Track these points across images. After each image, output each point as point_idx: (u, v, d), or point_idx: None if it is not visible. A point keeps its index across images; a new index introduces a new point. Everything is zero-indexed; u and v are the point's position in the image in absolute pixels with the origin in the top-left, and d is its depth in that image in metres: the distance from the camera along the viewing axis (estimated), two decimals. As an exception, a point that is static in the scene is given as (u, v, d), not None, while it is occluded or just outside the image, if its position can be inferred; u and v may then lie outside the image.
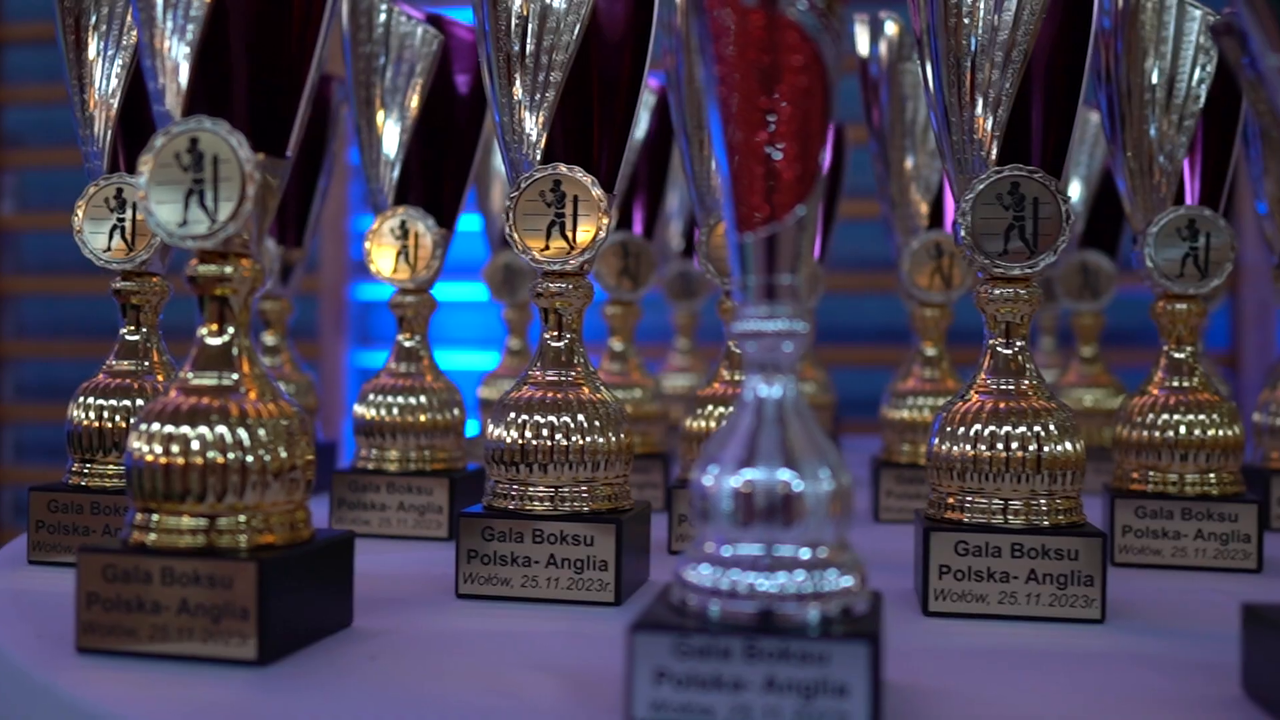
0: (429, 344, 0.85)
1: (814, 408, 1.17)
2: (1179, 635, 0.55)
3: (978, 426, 0.59)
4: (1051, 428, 0.59)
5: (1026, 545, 0.58)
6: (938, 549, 0.58)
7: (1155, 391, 0.76)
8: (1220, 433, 0.74)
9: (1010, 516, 0.59)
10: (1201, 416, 0.74)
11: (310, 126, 1.01)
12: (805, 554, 0.41)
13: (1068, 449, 0.59)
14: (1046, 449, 0.59)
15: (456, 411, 0.83)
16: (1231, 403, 0.76)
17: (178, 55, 0.51)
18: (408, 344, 0.84)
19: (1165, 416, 0.75)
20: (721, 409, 0.77)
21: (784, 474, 0.41)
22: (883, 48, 0.96)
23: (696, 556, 0.43)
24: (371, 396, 0.82)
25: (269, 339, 1.01)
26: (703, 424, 0.77)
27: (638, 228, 1.02)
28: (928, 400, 0.92)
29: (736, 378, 0.78)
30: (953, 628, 0.56)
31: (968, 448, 0.59)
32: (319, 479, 0.89)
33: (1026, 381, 0.61)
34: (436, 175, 0.84)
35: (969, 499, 0.60)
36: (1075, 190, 1.20)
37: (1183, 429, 0.74)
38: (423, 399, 0.82)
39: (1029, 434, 0.59)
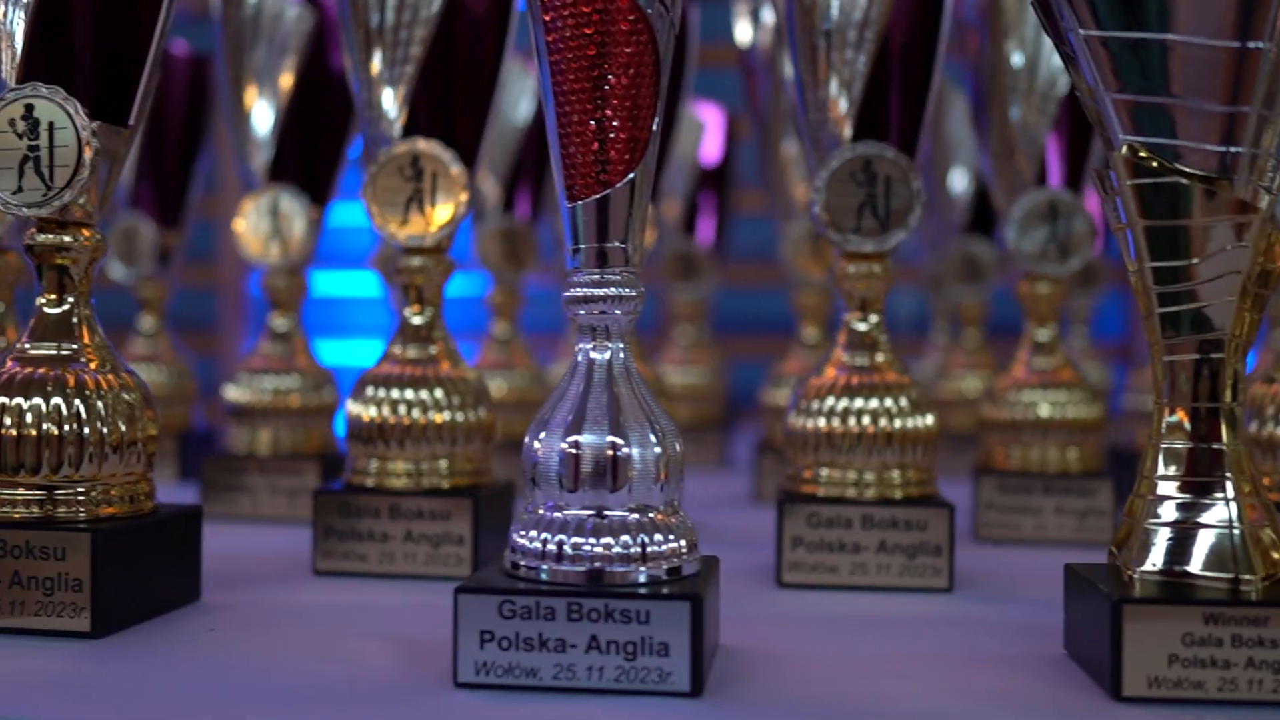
0: (303, 326, 0.84)
1: (703, 397, 1.18)
2: (1019, 602, 0.56)
3: (831, 400, 0.60)
4: (904, 402, 0.60)
5: (877, 517, 0.59)
6: (790, 522, 0.59)
7: (1020, 372, 0.78)
8: (1080, 412, 0.76)
9: (864, 489, 0.60)
10: (1062, 396, 0.76)
11: (189, 107, 1.00)
12: (633, 517, 0.42)
13: (919, 423, 0.60)
14: (899, 423, 0.60)
15: (329, 394, 0.82)
16: (1092, 383, 0.77)
17: (13, 20, 0.50)
18: (280, 326, 0.83)
19: (1027, 396, 0.76)
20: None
21: (611, 438, 0.42)
22: (762, 37, 0.97)
23: (528, 521, 0.43)
24: (242, 378, 0.81)
25: (147, 323, 1.00)
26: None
27: (524, 210, 1.02)
28: (806, 384, 0.93)
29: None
30: (805, 597, 0.57)
31: (822, 422, 0.60)
32: (198, 466, 0.88)
33: (881, 357, 0.62)
34: (311, 155, 0.83)
35: (824, 472, 0.60)
36: (962, 179, 1.21)
37: (1043, 408, 0.76)
38: (295, 381, 0.81)
39: (881, 408, 0.60)
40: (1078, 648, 0.44)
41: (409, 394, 0.61)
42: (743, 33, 0.99)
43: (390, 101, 0.62)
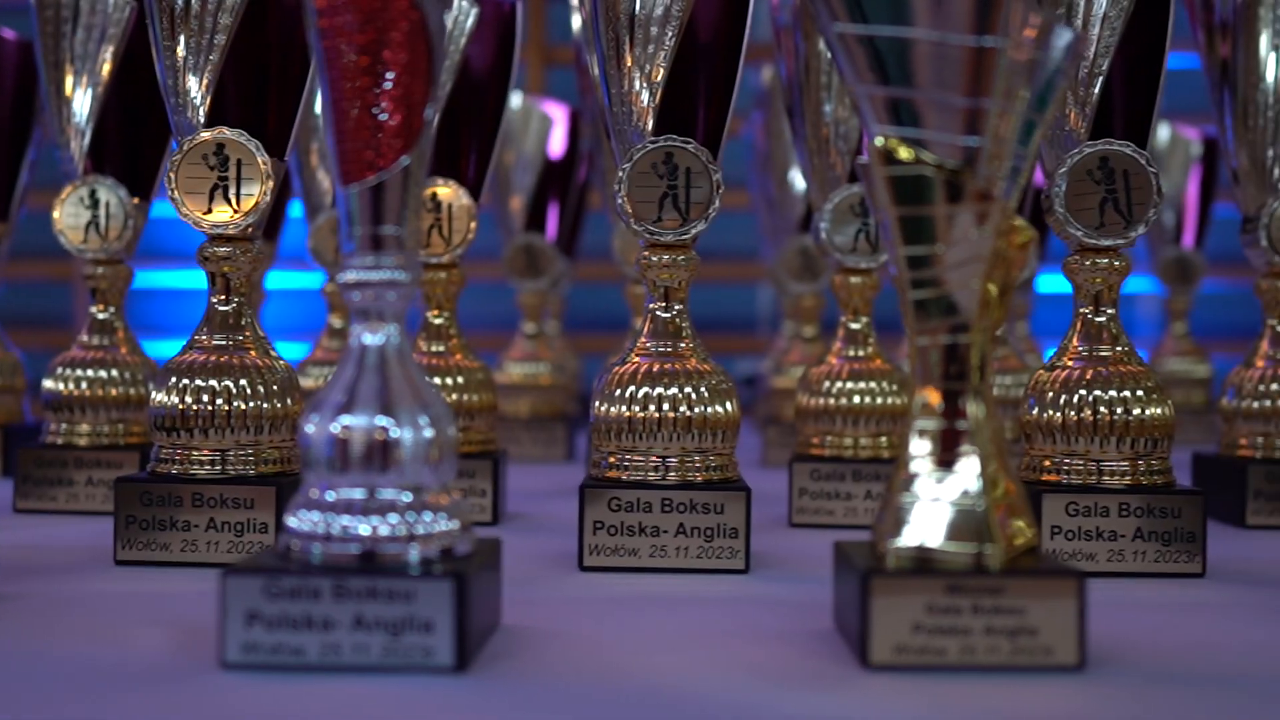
0: (124, 317, 0.83)
1: (547, 390, 1.19)
2: (808, 582, 0.58)
3: (632, 388, 0.62)
4: (703, 389, 0.62)
5: (676, 501, 0.60)
6: (592, 507, 0.60)
7: (833, 361, 0.80)
8: (890, 400, 0.78)
9: (665, 474, 0.61)
10: (873, 384, 0.78)
11: (18, 93, 0.98)
12: (405, 498, 0.42)
13: (719, 410, 0.62)
14: (698, 409, 0.61)
15: (151, 386, 0.81)
16: (903, 371, 0.80)
17: None
18: (101, 316, 0.82)
19: (840, 384, 0.79)
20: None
21: (381, 420, 0.42)
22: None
23: (302, 502, 0.43)
24: (60, 370, 0.80)
25: (-30, 315, 0.98)
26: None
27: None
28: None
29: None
30: (603, 580, 0.58)
31: (624, 409, 0.61)
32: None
33: (684, 344, 0.63)
34: (132, 144, 0.82)
35: (627, 458, 0.62)
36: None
37: (855, 396, 0.78)
38: (115, 373, 0.80)
39: (681, 395, 0.61)
40: (841, 620, 0.46)
41: (213, 382, 0.61)
42: (578, 27, 1.00)
43: (196, 88, 0.62)
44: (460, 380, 0.78)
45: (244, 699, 0.39)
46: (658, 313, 0.63)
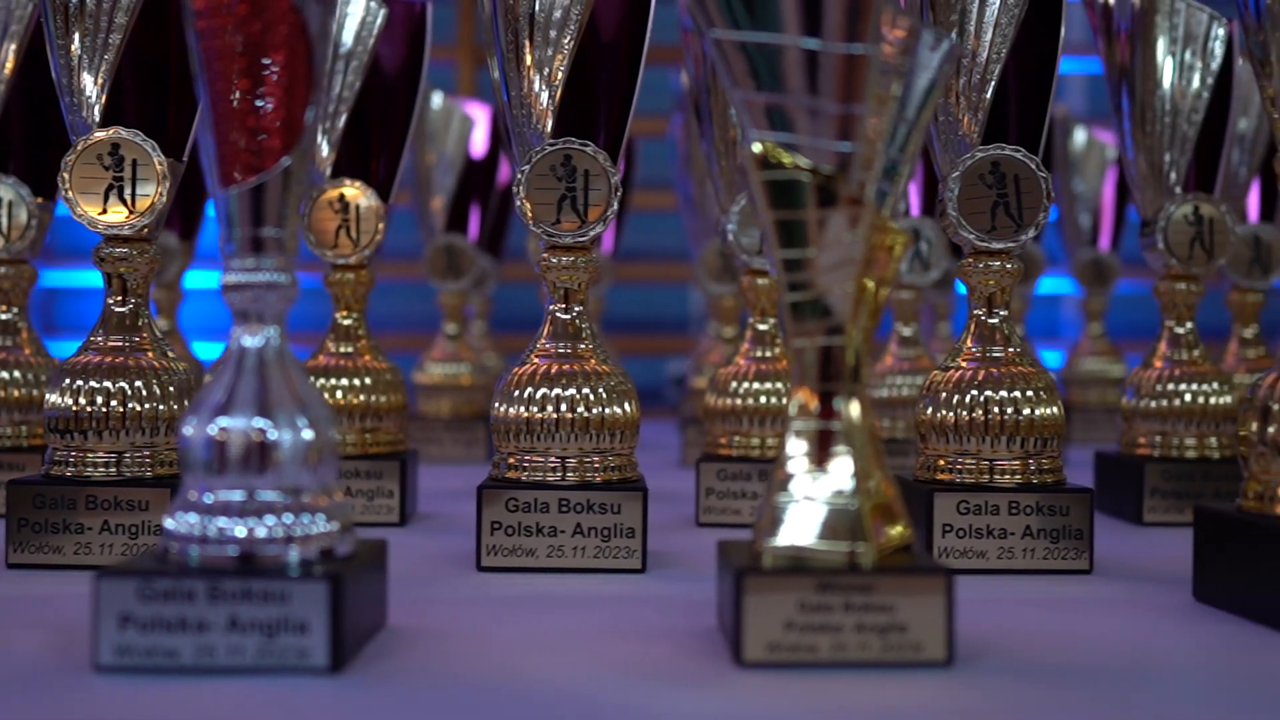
0: (28, 317, 0.82)
1: (468, 391, 1.19)
2: (701, 581, 0.58)
3: (530, 389, 0.62)
4: (601, 391, 0.62)
5: (573, 501, 0.60)
6: (489, 508, 0.60)
7: (741, 362, 0.81)
8: (796, 400, 0.79)
9: (564, 474, 0.62)
10: (780, 385, 0.79)
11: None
12: (283, 500, 0.42)
13: (617, 411, 0.62)
14: (595, 410, 0.62)
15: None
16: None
17: None
18: (4, 317, 0.81)
19: (747, 385, 0.79)
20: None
21: (259, 422, 0.42)
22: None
23: (181, 505, 0.43)
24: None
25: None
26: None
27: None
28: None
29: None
30: (499, 580, 0.59)
31: (522, 410, 0.62)
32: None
33: (584, 345, 0.64)
34: (37, 142, 0.81)
35: (526, 459, 0.62)
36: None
37: (762, 397, 0.79)
38: (18, 374, 0.79)
39: (578, 396, 0.62)
40: (723, 619, 0.46)
41: (109, 384, 0.61)
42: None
43: (91, 87, 0.62)
44: (368, 381, 0.77)
45: (116, 702, 0.39)
46: (557, 314, 0.64)
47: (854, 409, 0.44)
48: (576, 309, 0.64)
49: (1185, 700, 0.41)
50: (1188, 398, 0.80)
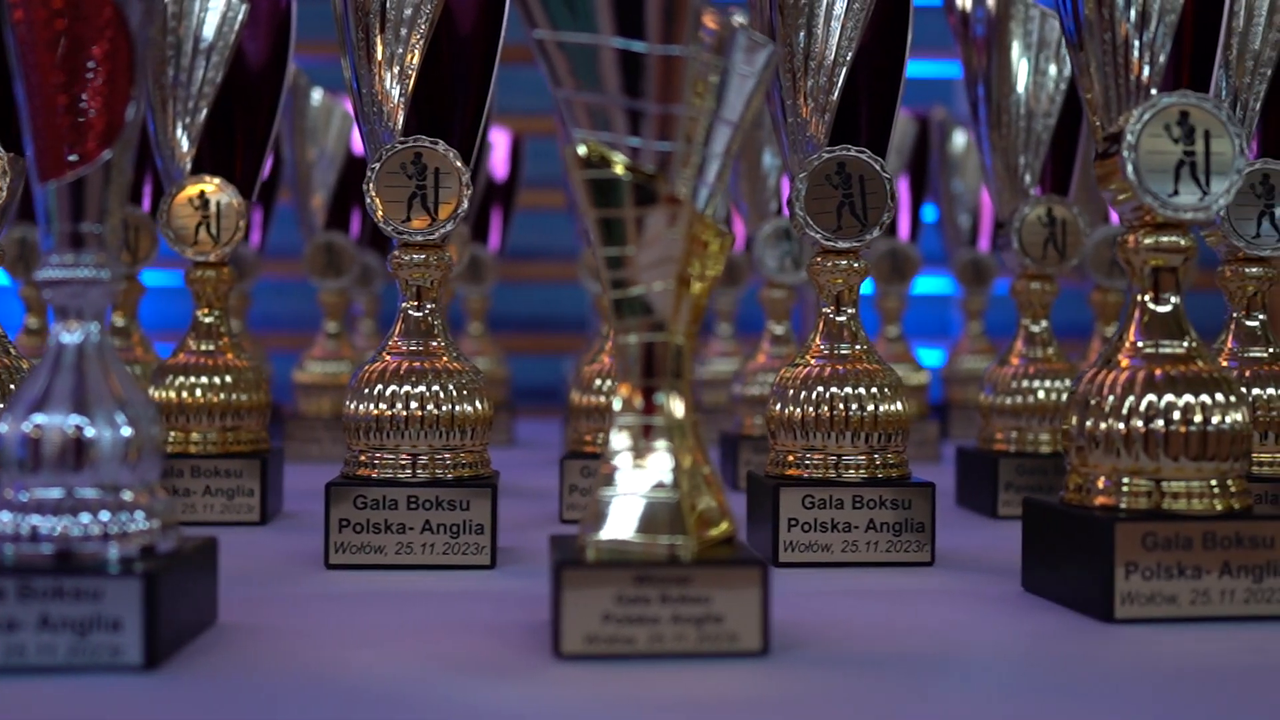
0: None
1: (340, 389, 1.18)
2: (545, 576, 0.59)
3: (380, 386, 0.62)
4: (452, 388, 0.62)
5: (422, 498, 0.61)
6: (337, 506, 0.60)
7: (606, 359, 0.81)
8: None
9: (416, 471, 0.62)
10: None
11: None
12: (101, 497, 0.42)
13: (468, 409, 0.62)
14: (445, 407, 0.62)
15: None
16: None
17: None
18: None
19: (610, 382, 0.80)
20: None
21: (76, 419, 0.42)
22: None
23: (-3, 503, 0.43)
24: None
25: None
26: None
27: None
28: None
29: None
30: (345, 577, 0.59)
31: (373, 406, 0.62)
32: None
33: (436, 342, 0.64)
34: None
35: (377, 456, 0.62)
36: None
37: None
38: None
39: (428, 393, 0.62)
40: (552, 612, 0.47)
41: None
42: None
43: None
44: (229, 379, 0.77)
45: (-79, 702, 0.38)
46: (410, 312, 0.64)
47: (676, 404, 0.45)
48: (429, 306, 0.64)
49: (987, 686, 0.43)
50: (1041, 394, 0.82)
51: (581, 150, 0.44)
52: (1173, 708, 0.39)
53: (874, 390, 0.64)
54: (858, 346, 0.65)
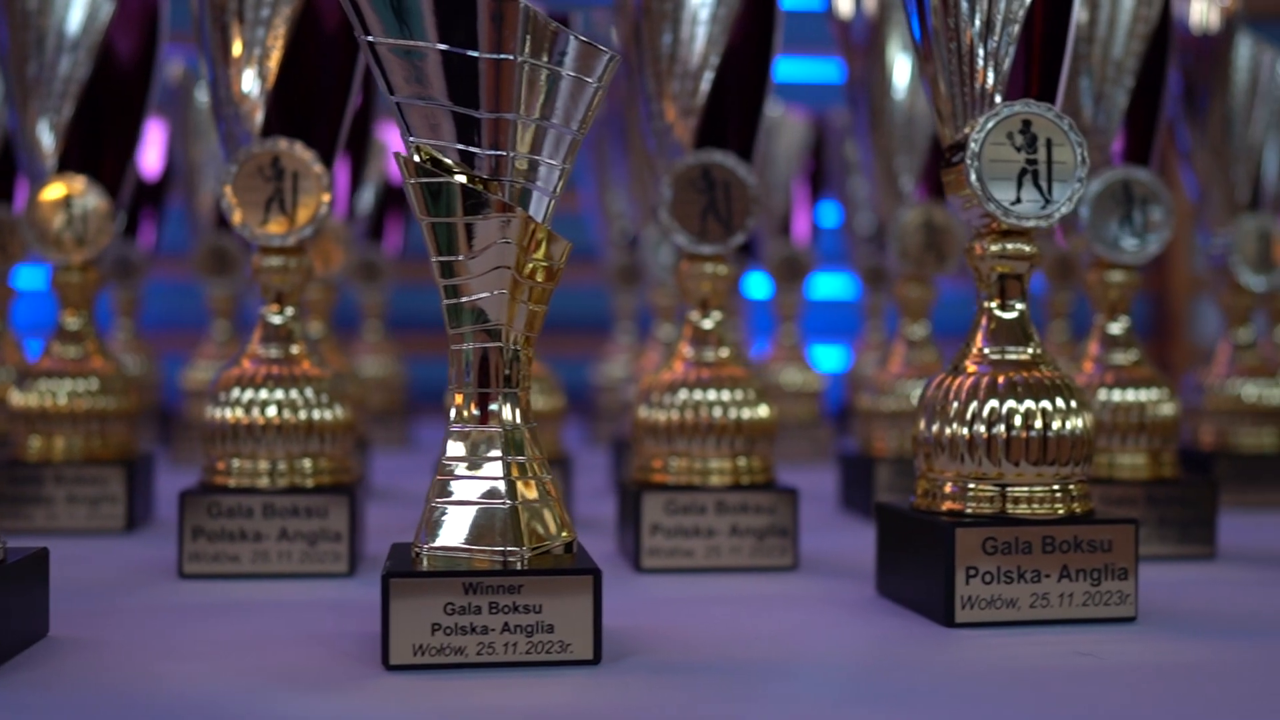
0: None
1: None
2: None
3: (238, 392, 0.61)
4: (311, 394, 0.61)
5: (278, 505, 0.60)
6: (191, 513, 0.59)
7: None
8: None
9: (276, 479, 0.61)
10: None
11: None
12: (-86, 509, 0.41)
13: (328, 415, 0.61)
14: (304, 414, 0.61)
15: None
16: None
17: None
18: None
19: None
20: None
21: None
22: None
23: None
24: None
25: None
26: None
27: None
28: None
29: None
30: (197, 587, 0.58)
31: (229, 413, 0.61)
32: None
33: (297, 348, 0.63)
34: None
35: (236, 463, 0.61)
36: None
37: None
38: None
39: (286, 399, 0.61)
40: (381, 622, 0.46)
41: None
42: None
43: None
44: (96, 385, 0.75)
45: None
46: (269, 317, 0.63)
47: (510, 412, 0.45)
48: (289, 311, 0.63)
49: (820, 691, 0.43)
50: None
51: (412, 156, 0.43)
52: (1001, 712, 0.40)
53: (739, 395, 0.64)
54: (723, 352, 0.65)
